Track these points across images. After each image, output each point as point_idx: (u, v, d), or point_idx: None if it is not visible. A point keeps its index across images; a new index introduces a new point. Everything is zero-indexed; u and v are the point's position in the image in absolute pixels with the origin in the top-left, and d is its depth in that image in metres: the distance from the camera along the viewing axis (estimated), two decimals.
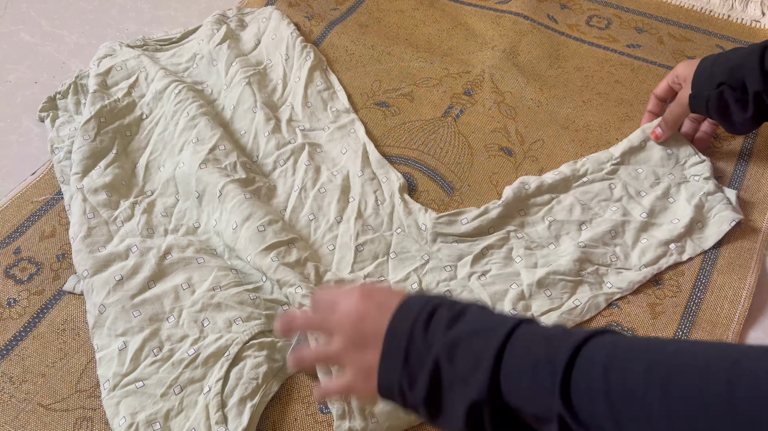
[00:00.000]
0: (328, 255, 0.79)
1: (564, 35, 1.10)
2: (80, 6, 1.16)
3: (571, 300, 0.75)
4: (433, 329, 0.49)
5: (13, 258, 0.80)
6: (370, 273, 0.77)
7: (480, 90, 1.00)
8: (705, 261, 0.79)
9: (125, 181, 0.86)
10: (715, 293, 0.77)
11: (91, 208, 0.81)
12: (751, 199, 0.85)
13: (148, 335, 0.71)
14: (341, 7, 1.14)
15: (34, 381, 0.70)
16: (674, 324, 0.74)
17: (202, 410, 0.66)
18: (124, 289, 0.74)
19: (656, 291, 0.77)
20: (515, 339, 0.46)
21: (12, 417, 0.67)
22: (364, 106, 0.98)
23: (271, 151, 0.89)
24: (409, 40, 1.09)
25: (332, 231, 0.81)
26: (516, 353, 0.46)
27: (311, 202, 0.83)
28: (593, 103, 0.98)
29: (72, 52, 1.07)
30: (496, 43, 1.07)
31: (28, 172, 0.90)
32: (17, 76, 1.03)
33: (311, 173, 0.86)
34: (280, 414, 0.68)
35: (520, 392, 0.45)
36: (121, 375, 0.68)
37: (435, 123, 0.96)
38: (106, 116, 0.91)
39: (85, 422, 0.67)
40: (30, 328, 0.74)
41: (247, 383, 0.67)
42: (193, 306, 0.73)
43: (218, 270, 0.76)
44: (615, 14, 1.13)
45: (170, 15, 1.15)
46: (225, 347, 0.70)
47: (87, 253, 0.77)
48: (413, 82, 1.02)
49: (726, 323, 0.74)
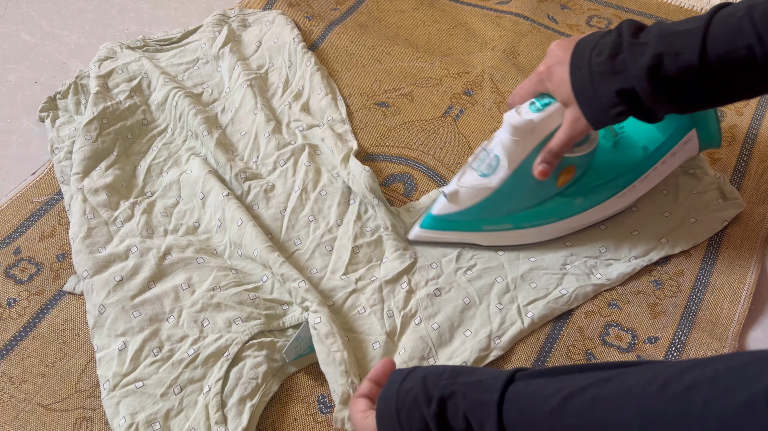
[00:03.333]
0: (325, 256, 0.79)
1: (564, 35, 1.10)
2: (80, 6, 1.16)
3: (557, 290, 0.76)
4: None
5: (13, 259, 0.80)
6: (362, 275, 0.77)
7: (480, 90, 1.00)
8: (705, 261, 0.79)
9: (125, 182, 0.86)
10: (715, 293, 0.77)
11: (91, 208, 0.81)
12: (751, 199, 0.85)
13: (148, 335, 0.71)
14: (341, 8, 1.14)
15: (33, 381, 0.70)
16: (674, 324, 0.74)
17: (201, 410, 0.66)
18: (124, 290, 0.74)
19: (656, 291, 0.77)
20: None
21: (12, 417, 0.67)
22: (364, 106, 0.98)
23: (272, 152, 0.89)
24: (409, 40, 1.09)
25: (331, 233, 0.81)
26: None
27: (312, 204, 0.83)
28: None
29: (72, 52, 1.07)
30: (496, 44, 1.07)
31: (28, 172, 0.90)
32: (17, 76, 1.03)
33: (312, 174, 0.86)
34: (280, 414, 0.68)
35: None
36: (121, 375, 0.68)
37: (435, 123, 0.96)
38: (109, 117, 0.91)
39: (85, 422, 0.67)
40: (30, 328, 0.74)
41: (247, 383, 0.67)
42: (193, 307, 0.73)
43: (218, 271, 0.77)
44: (615, 14, 1.13)
45: (170, 15, 1.15)
46: (225, 347, 0.70)
47: (87, 254, 0.77)
48: (413, 82, 1.02)
49: (726, 323, 0.74)
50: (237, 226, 0.79)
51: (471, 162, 0.75)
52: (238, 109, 0.94)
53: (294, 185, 0.85)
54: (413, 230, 0.80)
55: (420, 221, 0.80)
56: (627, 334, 0.73)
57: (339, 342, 0.68)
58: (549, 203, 0.77)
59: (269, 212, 0.83)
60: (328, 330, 0.69)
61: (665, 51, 0.58)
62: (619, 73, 0.60)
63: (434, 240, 0.79)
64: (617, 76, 0.61)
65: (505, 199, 0.75)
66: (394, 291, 0.76)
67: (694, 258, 0.79)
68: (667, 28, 0.60)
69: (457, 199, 0.75)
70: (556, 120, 0.68)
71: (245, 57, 1.02)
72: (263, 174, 0.87)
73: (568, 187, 0.77)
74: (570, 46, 0.65)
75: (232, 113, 0.94)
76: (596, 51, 0.62)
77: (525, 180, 0.72)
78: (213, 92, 0.98)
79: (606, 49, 0.61)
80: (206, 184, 0.84)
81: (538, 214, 0.77)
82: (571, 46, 0.65)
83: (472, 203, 0.75)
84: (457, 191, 0.75)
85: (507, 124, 0.69)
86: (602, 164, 0.77)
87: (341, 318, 0.74)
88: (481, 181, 0.74)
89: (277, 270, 0.74)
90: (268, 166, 0.88)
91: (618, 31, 0.62)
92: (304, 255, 0.79)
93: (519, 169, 0.72)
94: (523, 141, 0.70)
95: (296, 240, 0.80)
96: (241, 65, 0.99)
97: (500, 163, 0.72)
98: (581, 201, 0.78)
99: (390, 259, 0.79)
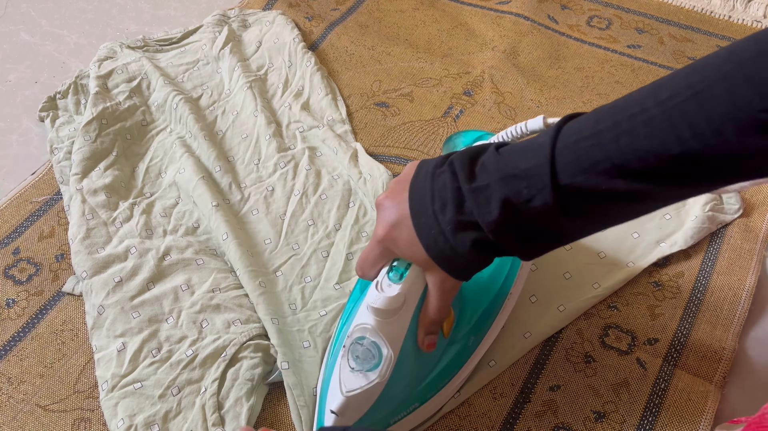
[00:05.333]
0: (320, 263, 0.79)
1: (564, 36, 1.09)
2: (80, 6, 1.16)
3: (556, 307, 0.75)
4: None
5: (12, 259, 0.80)
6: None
7: (480, 90, 1.00)
8: (704, 263, 0.79)
9: (124, 183, 0.86)
10: (714, 294, 0.76)
11: (90, 209, 0.81)
12: (751, 200, 0.85)
13: (146, 336, 0.71)
14: (341, 8, 1.14)
15: (32, 381, 0.70)
16: (674, 325, 0.74)
17: (198, 411, 0.66)
18: (123, 290, 0.74)
19: (655, 293, 0.77)
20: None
21: (10, 418, 0.67)
22: (364, 106, 0.98)
23: (272, 154, 0.89)
24: (409, 40, 1.09)
25: (329, 238, 0.80)
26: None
27: (312, 208, 0.83)
28: (593, 104, 0.98)
29: (72, 52, 1.07)
30: (496, 44, 1.07)
31: (28, 172, 0.90)
32: (17, 76, 1.03)
33: (312, 178, 0.86)
34: (277, 416, 0.68)
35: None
36: (119, 376, 0.68)
37: (435, 123, 0.96)
38: (108, 118, 0.91)
39: (83, 423, 0.67)
40: (29, 329, 0.74)
41: (243, 384, 0.67)
42: (192, 307, 0.73)
43: (218, 272, 0.76)
44: (615, 15, 1.13)
45: (170, 15, 1.15)
46: (222, 348, 0.70)
47: (86, 255, 0.77)
48: (413, 82, 1.02)
49: (726, 324, 0.74)
50: (222, 240, 0.78)
51: (344, 358, 0.61)
52: (239, 112, 0.94)
53: (294, 189, 0.85)
54: None
55: None
56: (627, 336, 0.73)
57: (305, 396, 0.66)
58: (443, 359, 0.66)
59: (269, 216, 0.82)
60: (294, 380, 0.67)
61: (512, 197, 0.50)
62: (471, 226, 0.52)
63: None
64: (470, 230, 0.52)
65: (401, 384, 0.62)
66: None
67: (693, 260, 0.79)
68: (506, 164, 0.51)
69: (348, 411, 0.60)
70: (421, 284, 0.59)
71: (245, 57, 1.02)
72: (264, 177, 0.87)
73: (455, 331, 0.66)
74: (399, 198, 0.56)
75: (233, 116, 0.94)
76: (437, 204, 0.53)
77: (413, 354, 0.61)
78: (213, 93, 0.98)
79: (448, 201, 0.52)
80: (196, 190, 0.83)
81: (441, 377, 0.66)
82: (401, 199, 0.56)
83: (368, 406, 0.61)
84: (346, 402, 0.60)
85: (374, 309, 0.58)
86: (471, 287, 0.68)
87: (331, 334, 0.72)
88: (368, 378, 0.60)
89: (254, 298, 0.73)
90: (269, 168, 0.88)
91: (451, 170, 0.53)
92: (301, 261, 0.78)
93: (403, 348, 0.60)
94: (396, 319, 0.59)
95: (294, 245, 0.80)
96: (241, 66, 0.99)
97: (381, 351, 0.60)
98: (473, 338, 0.68)
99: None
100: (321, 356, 0.70)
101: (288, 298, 0.75)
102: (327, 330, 0.72)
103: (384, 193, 0.58)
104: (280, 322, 0.71)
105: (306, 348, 0.70)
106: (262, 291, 0.73)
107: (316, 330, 0.72)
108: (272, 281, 0.76)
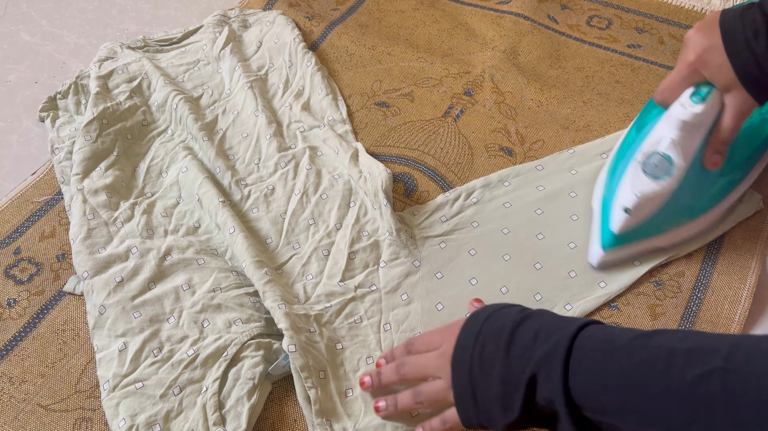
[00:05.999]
0: (321, 261, 0.79)
1: (564, 35, 1.09)
2: (80, 6, 1.16)
3: (561, 305, 0.75)
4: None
5: (13, 259, 0.80)
6: (361, 282, 0.77)
7: (480, 90, 1.00)
8: (705, 262, 0.79)
9: (125, 183, 0.86)
10: (715, 293, 0.77)
11: (91, 209, 0.81)
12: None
13: (148, 336, 0.71)
14: (341, 8, 1.14)
15: (33, 381, 0.70)
16: (674, 325, 0.74)
17: (199, 411, 0.66)
18: (124, 290, 0.74)
19: (656, 292, 0.77)
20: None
21: (11, 418, 0.67)
22: (364, 106, 0.98)
23: (273, 154, 0.89)
24: (410, 40, 1.09)
25: (330, 238, 0.80)
26: None
27: (312, 207, 0.83)
28: (594, 104, 0.98)
29: (72, 52, 1.07)
30: (496, 44, 1.07)
31: (28, 172, 0.90)
32: (17, 76, 1.03)
33: (312, 177, 0.86)
34: (279, 416, 0.68)
35: None
36: (120, 376, 0.68)
37: (435, 123, 0.96)
38: (109, 118, 0.91)
39: (85, 422, 0.67)
40: (30, 329, 0.74)
41: (244, 383, 0.67)
42: (193, 307, 0.73)
43: (219, 272, 0.76)
44: (615, 14, 1.13)
45: (170, 15, 1.15)
46: (224, 347, 0.70)
47: (87, 255, 0.77)
48: (413, 82, 1.02)
49: (726, 323, 0.74)
50: (229, 234, 0.78)
51: (637, 168, 0.73)
52: (240, 112, 0.94)
53: (294, 188, 0.85)
54: (594, 255, 0.77)
55: (598, 243, 0.77)
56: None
57: (313, 378, 0.67)
58: (714, 186, 0.77)
59: (270, 215, 0.82)
60: (302, 362, 0.67)
61: None
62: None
63: (622, 259, 0.77)
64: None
65: (683, 197, 0.73)
66: (394, 302, 0.75)
67: (694, 259, 0.79)
68: None
69: (640, 209, 0.73)
70: (717, 107, 0.69)
71: (246, 58, 1.02)
72: (264, 176, 0.87)
73: (725, 166, 0.75)
74: (710, 31, 0.66)
75: (233, 115, 0.94)
76: (749, 32, 0.63)
77: (698, 173, 0.72)
78: (213, 93, 0.98)
79: (760, 31, 0.62)
80: (202, 187, 0.83)
81: (710, 200, 0.78)
82: (712, 32, 0.66)
83: (653, 210, 0.73)
84: (638, 202, 0.72)
85: (676, 120, 0.69)
86: (742, 131, 0.75)
87: (336, 326, 0.73)
88: (659, 184, 0.72)
89: (260, 287, 0.73)
90: (269, 168, 0.88)
91: (761, 10, 0.63)
92: (302, 260, 0.78)
93: (692, 164, 0.72)
94: (692, 135, 0.70)
95: (295, 244, 0.80)
96: (242, 67, 0.99)
97: (674, 162, 0.71)
98: (739, 174, 0.79)
99: (389, 265, 0.78)
100: (326, 343, 0.70)
101: (291, 292, 0.75)
102: (332, 322, 0.73)
103: (692, 29, 0.68)
104: (287, 307, 0.71)
105: (312, 333, 0.71)
106: (268, 279, 0.73)
107: (322, 319, 0.73)
108: (277, 275, 0.77)
